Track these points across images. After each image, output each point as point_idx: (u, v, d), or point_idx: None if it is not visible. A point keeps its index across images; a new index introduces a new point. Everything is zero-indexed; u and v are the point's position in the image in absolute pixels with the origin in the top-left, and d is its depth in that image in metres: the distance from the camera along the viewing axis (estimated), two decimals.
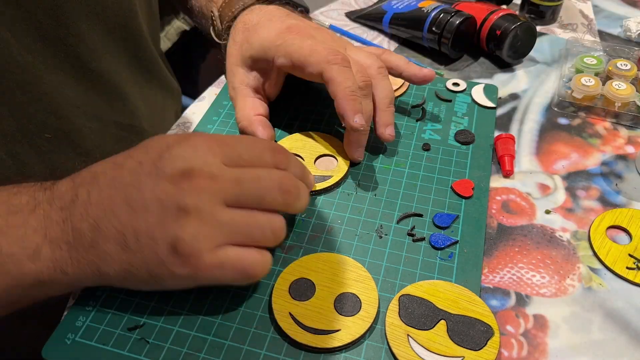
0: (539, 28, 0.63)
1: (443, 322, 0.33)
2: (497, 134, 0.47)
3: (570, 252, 0.39)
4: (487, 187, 0.43)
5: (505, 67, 0.57)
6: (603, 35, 0.62)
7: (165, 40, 0.73)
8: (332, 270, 0.36)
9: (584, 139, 0.48)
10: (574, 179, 0.44)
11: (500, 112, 0.51)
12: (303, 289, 0.35)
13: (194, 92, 0.62)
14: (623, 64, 0.52)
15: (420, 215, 0.41)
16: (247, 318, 0.34)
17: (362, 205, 0.42)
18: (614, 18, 0.65)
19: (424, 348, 0.32)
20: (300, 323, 0.33)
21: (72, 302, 0.36)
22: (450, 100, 0.51)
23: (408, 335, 0.33)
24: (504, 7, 0.59)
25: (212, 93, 0.55)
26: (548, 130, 0.49)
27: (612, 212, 0.41)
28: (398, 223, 0.40)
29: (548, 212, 0.42)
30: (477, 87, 0.53)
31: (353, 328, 0.33)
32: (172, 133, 0.50)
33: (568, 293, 0.36)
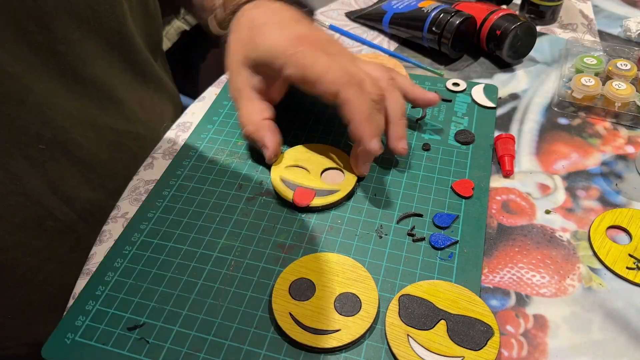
0: (539, 28, 0.63)
1: (443, 322, 0.33)
2: (497, 134, 0.47)
3: (570, 252, 0.39)
4: (487, 187, 0.43)
5: (505, 67, 0.57)
6: (603, 35, 0.62)
7: (165, 40, 0.73)
8: (332, 270, 0.36)
9: (584, 139, 0.48)
10: (574, 179, 0.44)
11: (500, 112, 0.51)
12: (303, 289, 0.35)
13: (194, 92, 0.62)
14: (623, 64, 0.52)
15: (420, 215, 0.41)
16: (247, 318, 0.34)
17: (362, 205, 0.42)
18: (614, 18, 0.65)
19: (424, 348, 0.32)
20: (300, 323, 0.33)
21: (72, 302, 0.36)
22: (450, 100, 0.51)
23: (408, 335, 0.33)
24: (504, 7, 0.59)
25: (212, 93, 0.55)
26: (548, 130, 0.49)
27: (612, 212, 0.41)
28: (398, 223, 0.40)
29: (548, 212, 0.42)
30: (477, 87, 0.53)
31: (353, 328, 0.33)
32: (171, 134, 0.50)
33: (568, 293, 0.36)
